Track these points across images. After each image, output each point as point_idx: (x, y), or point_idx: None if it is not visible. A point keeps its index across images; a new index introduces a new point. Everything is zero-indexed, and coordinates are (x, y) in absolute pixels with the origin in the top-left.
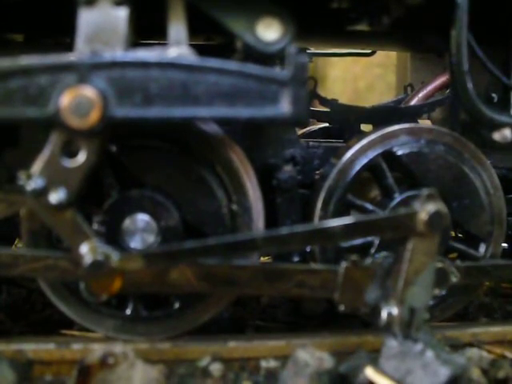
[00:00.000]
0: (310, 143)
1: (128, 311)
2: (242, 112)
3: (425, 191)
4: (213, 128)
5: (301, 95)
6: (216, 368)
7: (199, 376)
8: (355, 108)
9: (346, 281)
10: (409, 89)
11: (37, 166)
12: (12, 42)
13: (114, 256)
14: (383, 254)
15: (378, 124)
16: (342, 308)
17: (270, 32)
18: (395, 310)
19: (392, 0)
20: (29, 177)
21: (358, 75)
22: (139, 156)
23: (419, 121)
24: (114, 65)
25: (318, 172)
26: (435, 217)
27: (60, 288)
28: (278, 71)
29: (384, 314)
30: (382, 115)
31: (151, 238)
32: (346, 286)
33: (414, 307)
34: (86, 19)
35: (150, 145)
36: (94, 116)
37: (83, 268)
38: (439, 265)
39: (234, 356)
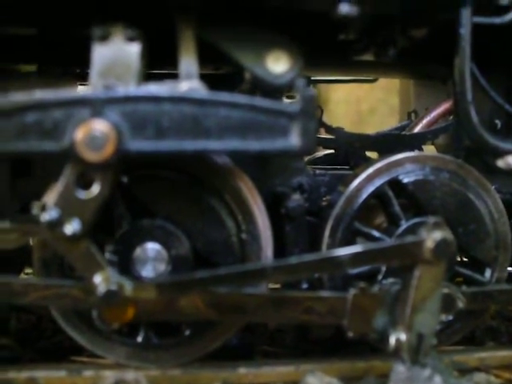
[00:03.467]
0: (317, 171)
1: (139, 339)
2: (253, 145)
3: (431, 219)
4: (222, 158)
5: (310, 127)
6: None
7: None
8: (360, 136)
9: (354, 307)
10: (413, 115)
11: (51, 198)
12: (24, 72)
13: (128, 285)
14: (390, 280)
15: (383, 151)
16: (350, 334)
17: (278, 65)
18: (403, 336)
19: (398, 32)
20: (43, 208)
21: (360, 98)
22: (150, 186)
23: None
24: (128, 99)
25: (324, 199)
26: (441, 244)
27: (71, 315)
28: (287, 104)
29: (392, 340)
30: (387, 143)
31: (162, 267)
32: (354, 313)
33: (422, 333)
34: (100, 54)
35: (160, 175)
36: (108, 149)
37: (97, 297)
38: (446, 291)
39: (244, 382)
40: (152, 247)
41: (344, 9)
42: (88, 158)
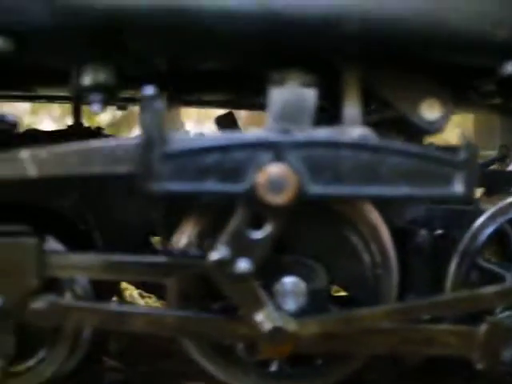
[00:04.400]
0: (430, 205)
1: (273, 368)
2: (420, 191)
3: None
4: None
5: (472, 177)
6: None
7: None
8: None
9: (485, 341)
10: (504, 149)
11: (223, 237)
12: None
13: (291, 322)
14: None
15: (489, 187)
16: (479, 366)
17: (432, 112)
18: None
19: None
20: (213, 247)
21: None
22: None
23: None
24: (308, 144)
25: (441, 235)
26: None
27: (206, 345)
28: (453, 154)
29: None
30: (493, 179)
31: (301, 301)
32: (485, 346)
33: None
34: (276, 98)
35: (300, 211)
36: (289, 193)
37: (262, 333)
38: None
39: None
40: (292, 281)
41: (510, 68)
42: (269, 201)
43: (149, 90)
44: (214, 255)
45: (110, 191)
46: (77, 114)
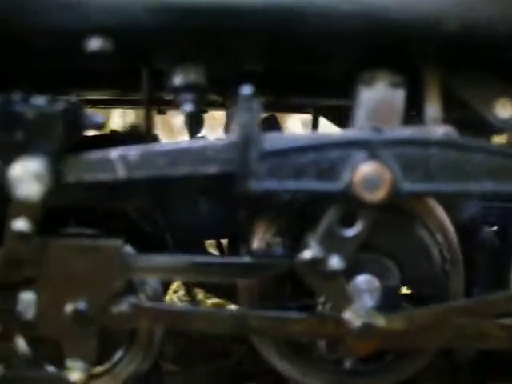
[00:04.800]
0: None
1: (347, 366)
2: (503, 187)
3: None
4: None
5: None
6: None
7: None
8: None
9: None
10: None
11: (315, 236)
12: None
13: (379, 317)
14: None
15: None
16: None
17: (505, 111)
18: None
19: None
20: (305, 245)
21: None
22: None
23: None
24: (400, 142)
25: (502, 231)
26: None
27: (280, 345)
28: None
29: None
30: None
31: (375, 298)
32: None
33: None
34: (366, 97)
35: None
36: (383, 191)
37: (351, 330)
38: None
39: None
40: (366, 279)
41: None
42: (364, 199)
43: (246, 90)
44: (307, 253)
45: (180, 192)
46: (149, 118)
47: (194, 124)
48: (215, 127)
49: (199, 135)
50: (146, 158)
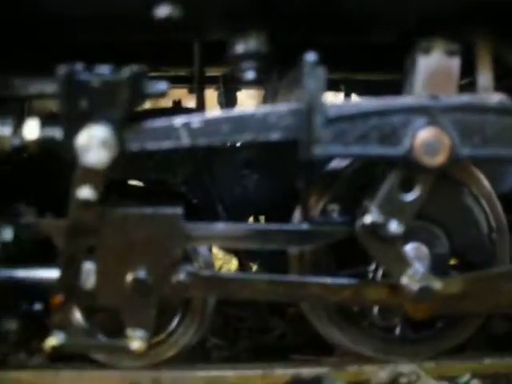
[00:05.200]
0: None
1: (397, 333)
2: None
3: None
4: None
5: None
6: None
7: None
8: None
9: None
10: None
11: (376, 200)
12: None
13: (436, 281)
14: None
15: None
16: None
17: None
18: None
19: None
20: (365, 210)
21: None
22: None
23: None
24: (458, 109)
25: None
26: None
27: (331, 312)
28: None
29: None
30: None
31: (425, 265)
32: None
33: None
34: (424, 65)
35: None
36: (442, 156)
37: (410, 294)
38: None
39: (490, 372)
40: (417, 246)
41: None
42: (425, 164)
43: (311, 57)
44: (367, 218)
45: (231, 164)
46: (201, 96)
47: (229, 101)
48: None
49: None
50: (209, 126)
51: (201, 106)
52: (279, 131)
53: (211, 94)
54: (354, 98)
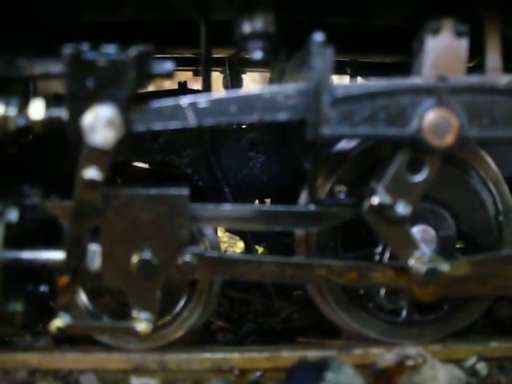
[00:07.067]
0: None
1: (403, 316)
2: None
3: None
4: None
5: None
6: (482, 367)
7: (468, 375)
8: None
9: None
10: None
11: (383, 182)
12: None
13: (444, 263)
14: None
15: None
16: None
17: None
18: None
19: None
20: (372, 191)
21: None
22: None
23: None
24: (466, 90)
25: None
26: None
27: (339, 294)
28: None
29: None
30: None
31: (432, 247)
32: None
33: None
34: (433, 46)
35: None
36: (451, 137)
37: (417, 276)
38: None
39: (496, 355)
40: (424, 229)
41: None
42: (433, 144)
43: (318, 37)
44: (375, 199)
45: (237, 146)
46: (207, 77)
47: (234, 84)
48: None
49: None
50: (216, 106)
51: (207, 88)
52: (286, 111)
53: (217, 77)
54: (360, 80)
